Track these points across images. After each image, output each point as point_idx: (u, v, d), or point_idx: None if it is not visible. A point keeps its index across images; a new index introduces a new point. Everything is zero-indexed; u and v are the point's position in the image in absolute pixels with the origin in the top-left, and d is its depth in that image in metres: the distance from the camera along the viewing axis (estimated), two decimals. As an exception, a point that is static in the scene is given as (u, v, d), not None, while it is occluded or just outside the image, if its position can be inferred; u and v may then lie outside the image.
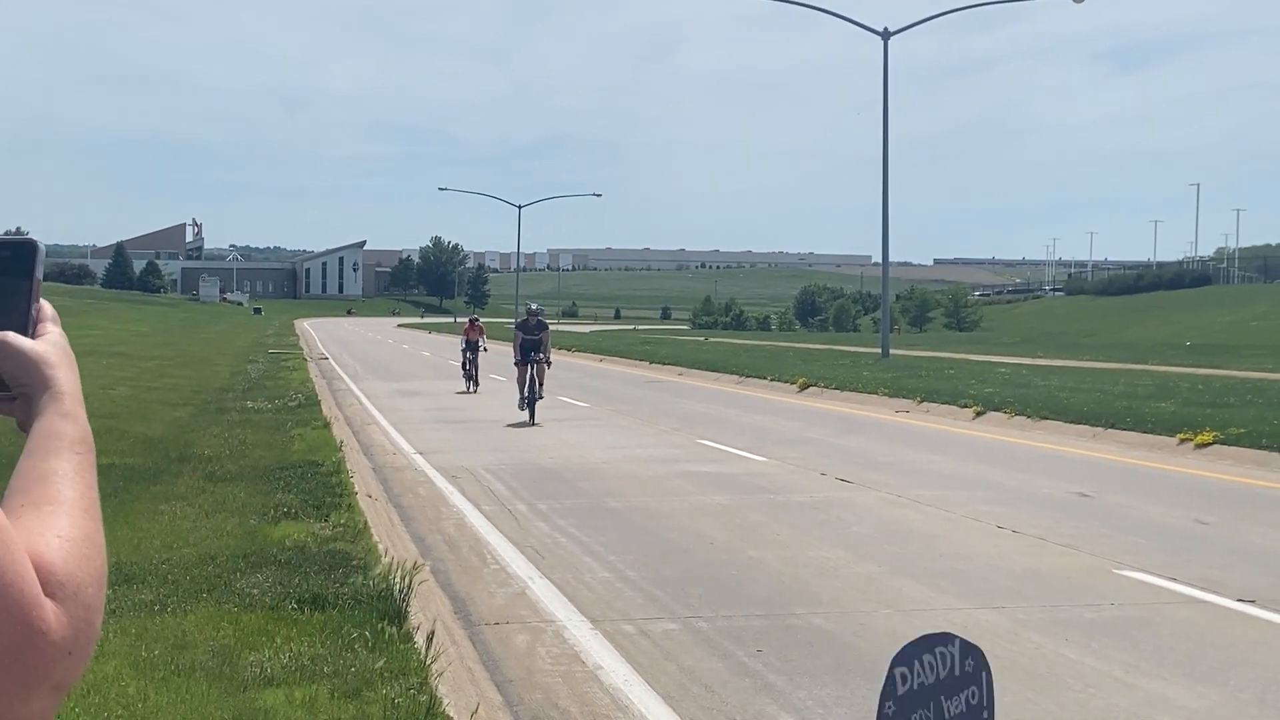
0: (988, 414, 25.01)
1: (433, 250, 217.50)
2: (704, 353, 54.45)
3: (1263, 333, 72.14)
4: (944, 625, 8.94)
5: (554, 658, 8.19)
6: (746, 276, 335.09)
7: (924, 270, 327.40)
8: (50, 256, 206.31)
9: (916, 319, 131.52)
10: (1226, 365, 42.98)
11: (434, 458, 18.57)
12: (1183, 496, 15.08)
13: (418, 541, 12.08)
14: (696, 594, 9.87)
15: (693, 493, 15.18)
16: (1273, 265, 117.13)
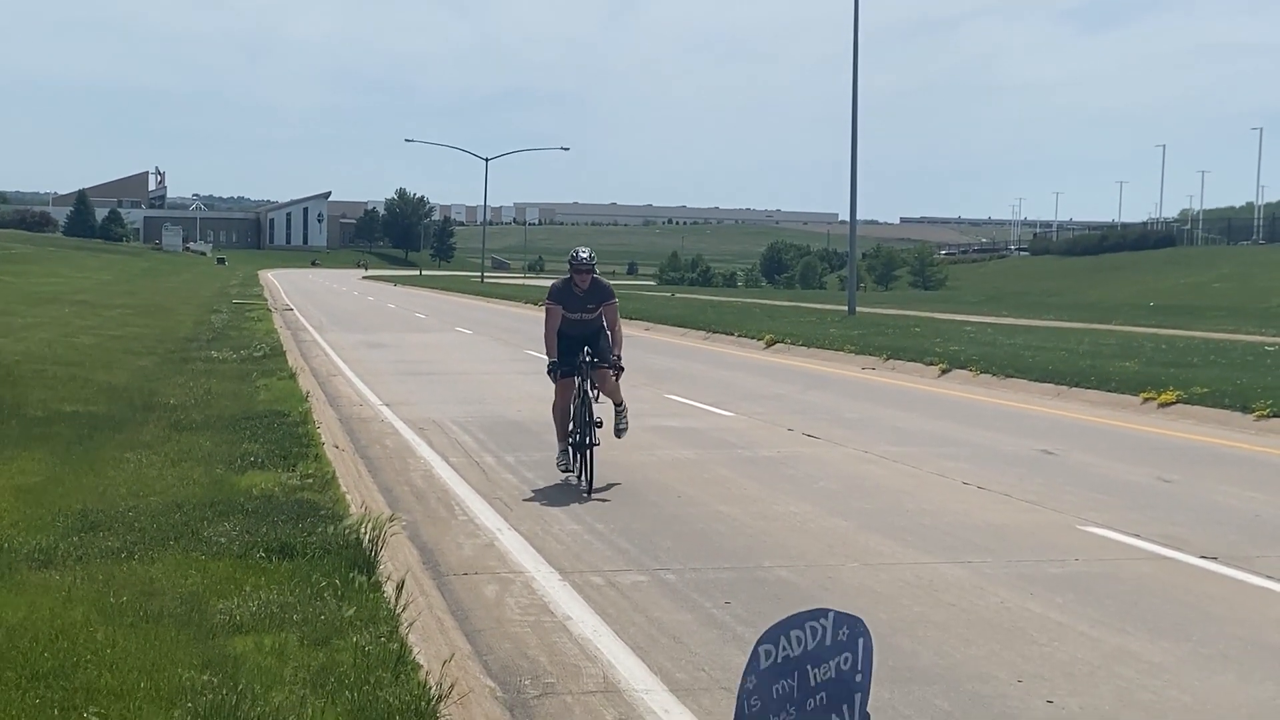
0: (953, 371, 25.10)
1: (398, 202, 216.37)
2: (671, 308, 54.46)
3: (1225, 294, 72.63)
4: (910, 579, 9.01)
5: (523, 608, 8.20)
6: (713, 233, 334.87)
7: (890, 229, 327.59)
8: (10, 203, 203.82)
9: (882, 277, 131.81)
10: (1189, 326, 43.27)
11: (401, 409, 18.52)
12: (1146, 454, 15.19)
13: (385, 492, 12.06)
14: (665, 547, 9.89)
15: (660, 447, 15.19)
16: (1236, 227, 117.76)
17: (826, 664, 3.61)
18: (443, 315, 51.39)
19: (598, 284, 12.55)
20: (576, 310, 12.50)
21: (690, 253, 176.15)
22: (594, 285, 12.50)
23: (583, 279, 12.44)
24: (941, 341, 31.62)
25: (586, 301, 12.50)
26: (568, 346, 12.51)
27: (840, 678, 3.58)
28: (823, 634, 3.64)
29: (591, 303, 12.50)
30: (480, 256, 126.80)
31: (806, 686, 3.58)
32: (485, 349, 32.48)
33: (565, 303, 12.49)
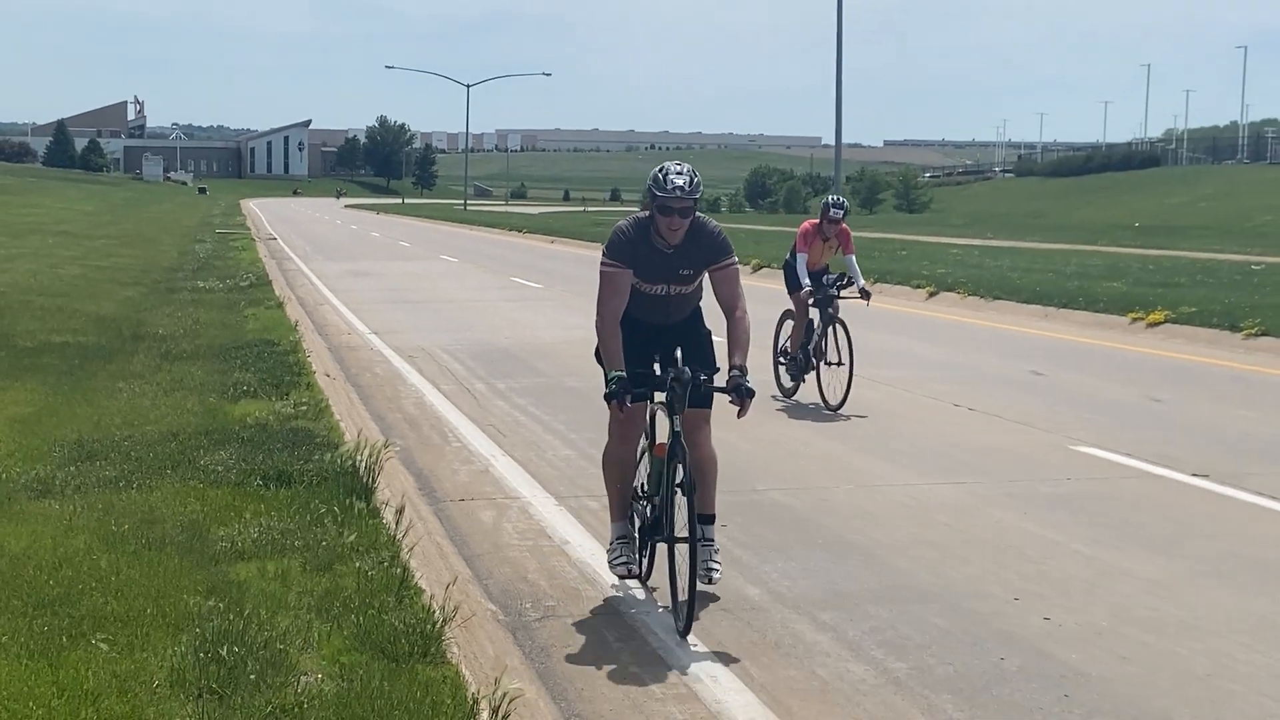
0: (940, 294, 25.12)
1: (379, 130, 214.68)
2: (656, 234, 54.20)
3: (1211, 214, 72.66)
4: (904, 500, 9.07)
5: (520, 533, 8.24)
6: (696, 158, 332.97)
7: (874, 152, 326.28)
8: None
9: (867, 200, 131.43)
10: (1176, 246, 43.32)
11: (389, 338, 18.50)
12: (1135, 374, 15.25)
13: (378, 420, 12.06)
14: (659, 470, 9.91)
15: (651, 371, 15.19)
16: (1221, 147, 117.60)
17: None
18: (427, 243, 51.21)
19: (702, 232, 6.74)
20: (658, 278, 6.81)
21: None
22: (695, 234, 6.71)
23: (673, 223, 6.60)
24: (928, 264, 31.62)
25: (679, 263, 6.77)
26: (636, 346, 6.79)
27: None
28: None
29: (688, 265, 6.78)
30: (463, 184, 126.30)
31: None
32: (471, 277, 32.40)
33: (639, 265, 6.73)
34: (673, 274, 6.81)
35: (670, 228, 6.60)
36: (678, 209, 6.56)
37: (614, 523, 7.07)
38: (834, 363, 12.97)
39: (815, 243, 13.41)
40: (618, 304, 6.71)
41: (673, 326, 7.01)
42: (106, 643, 5.26)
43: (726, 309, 6.78)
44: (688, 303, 7.02)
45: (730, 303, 6.79)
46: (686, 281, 6.87)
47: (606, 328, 6.68)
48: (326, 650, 5.38)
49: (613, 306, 6.69)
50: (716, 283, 6.78)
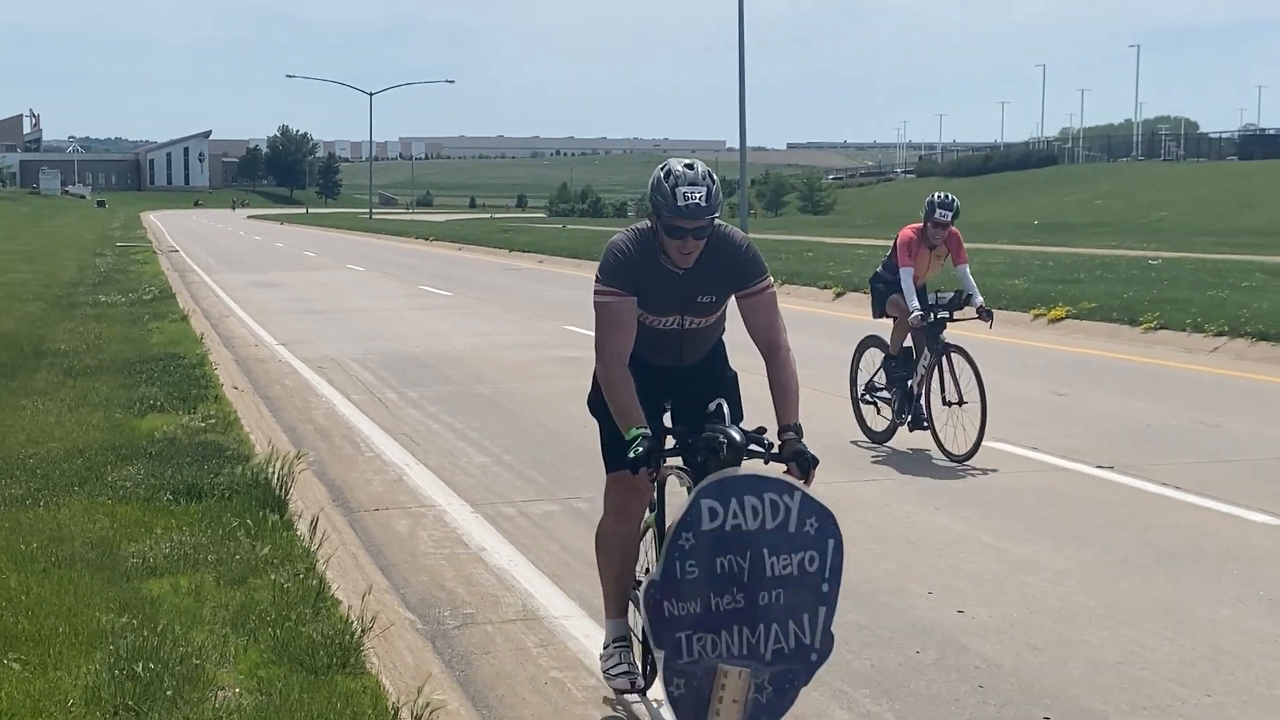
0: (847, 294, 25.37)
1: (281, 139, 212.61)
2: (564, 239, 54.27)
3: (1107, 211, 73.90)
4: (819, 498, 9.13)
5: (436, 541, 8.22)
6: (602, 163, 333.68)
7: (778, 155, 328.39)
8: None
9: (772, 203, 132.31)
10: (1074, 243, 44.03)
11: (297, 348, 18.34)
12: (1039, 370, 15.49)
13: (289, 431, 11.96)
14: (575, 475, 9.93)
15: (563, 378, 15.20)
16: (1116, 145, 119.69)
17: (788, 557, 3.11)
18: (333, 253, 50.80)
19: (725, 247, 5.16)
20: (668, 308, 5.26)
21: (580, 183, 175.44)
22: (715, 250, 5.14)
23: (685, 246, 5.03)
24: (835, 265, 31.90)
25: (696, 288, 5.21)
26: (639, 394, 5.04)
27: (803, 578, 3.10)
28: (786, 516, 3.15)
29: (707, 290, 5.23)
30: (368, 193, 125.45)
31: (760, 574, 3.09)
32: (379, 285, 32.19)
33: (643, 292, 5.17)
34: (687, 303, 5.20)
35: (682, 250, 5.01)
36: (691, 230, 4.91)
37: (609, 620, 5.45)
38: (954, 401, 10.60)
39: (920, 254, 10.94)
40: (622, 341, 5.05)
41: (688, 369, 5.40)
42: (19, 662, 5.19)
43: (765, 346, 5.16)
44: (706, 338, 5.39)
45: (769, 338, 5.15)
46: (706, 311, 5.25)
47: (612, 373, 5.00)
48: (244, 664, 5.34)
49: (615, 345, 5.04)
50: (748, 312, 5.17)
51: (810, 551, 3.05)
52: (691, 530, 3.14)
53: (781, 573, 3.09)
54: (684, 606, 3.14)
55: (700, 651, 3.15)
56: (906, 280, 10.79)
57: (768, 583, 3.08)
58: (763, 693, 3.13)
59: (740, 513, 3.13)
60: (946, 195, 11.09)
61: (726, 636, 3.10)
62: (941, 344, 10.90)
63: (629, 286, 5.13)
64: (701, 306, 5.26)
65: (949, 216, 10.95)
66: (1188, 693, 5.63)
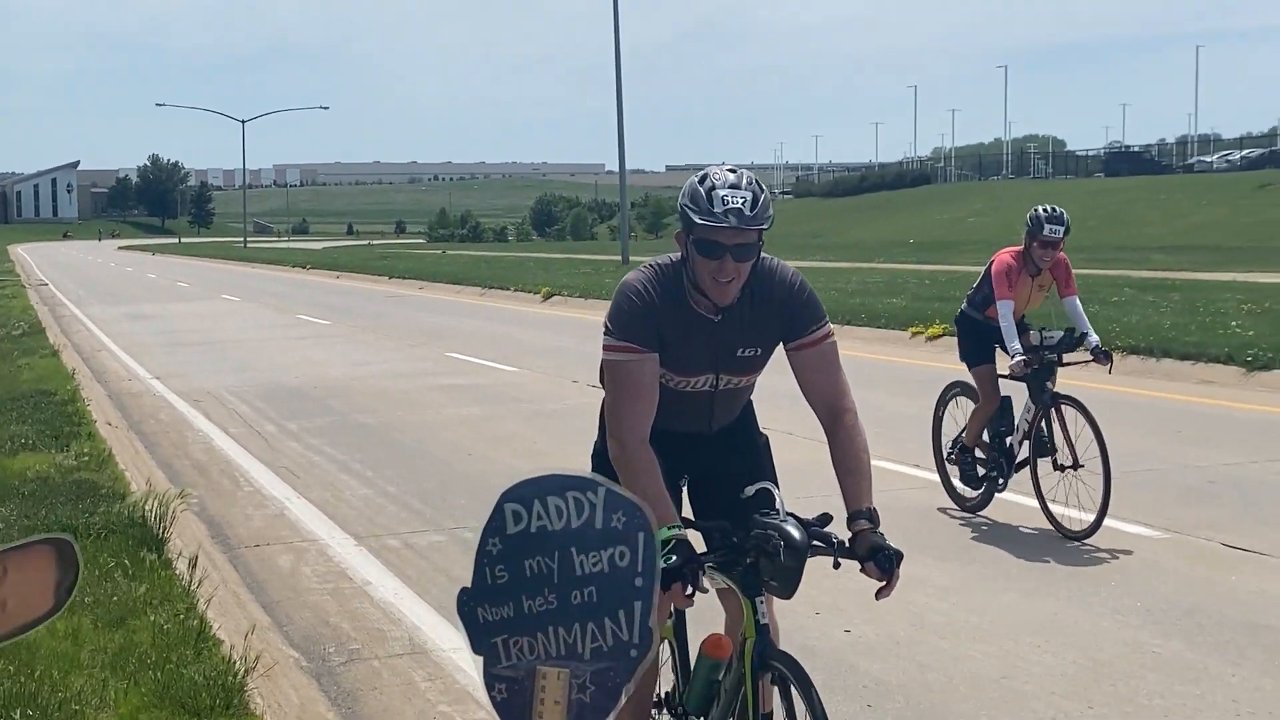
0: (728, 316, 25.50)
1: (151, 169, 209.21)
2: (444, 265, 54.03)
3: (980, 228, 75.14)
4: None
5: (320, 576, 8.11)
6: (481, 188, 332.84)
7: (657, 177, 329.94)
8: None
9: (653, 225, 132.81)
10: (949, 260, 44.73)
11: (172, 382, 18.02)
12: (918, 387, 15.67)
13: (165, 468, 11.75)
14: (460, 505, 9.86)
15: (446, 405, 15.12)
16: (987, 163, 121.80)
17: (597, 553, 3.15)
18: (207, 283, 50.06)
19: (771, 283, 4.11)
20: (700, 365, 4.19)
21: (459, 209, 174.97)
22: (759, 288, 4.08)
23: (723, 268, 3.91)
24: (715, 287, 32.06)
25: (736, 336, 4.14)
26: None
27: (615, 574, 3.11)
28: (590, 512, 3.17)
29: (751, 340, 4.16)
30: (242, 221, 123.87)
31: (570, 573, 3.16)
32: (255, 315, 31.77)
33: (670, 345, 4.10)
34: (724, 357, 4.13)
35: (719, 278, 3.90)
36: (731, 246, 3.86)
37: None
38: (1066, 465, 8.73)
39: (1021, 283, 8.88)
40: (643, 412, 4.00)
41: (712, 435, 4.42)
42: (-114, 717, 5.02)
43: (827, 411, 4.13)
44: (740, 398, 4.42)
45: (833, 401, 4.12)
46: (746, 368, 4.21)
47: (633, 456, 3.94)
48: (124, 708, 5.22)
49: (634, 419, 3.98)
50: (804, 367, 4.11)
51: (620, 547, 3.06)
52: (498, 535, 3.17)
53: (592, 570, 3.12)
54: (496, 611, 3.18)
55: (518, 655, 3.17)
56: (1006, 317, 8.74)
57: (578, 581, 3.11)
58: (585, 692, 3.15)
59: (545, 514, 3.14)
60: (1054, 208, 8.75)
61: (542, 638, 3.13)
62: (1050, 394, 8.91)
63: (649, 340, 4.01)
64: (741, 362, 4.17)
65: (1059, 233, 8.65)
66: (1070, 705, 5.73)
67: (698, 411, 4.31)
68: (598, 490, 3.10)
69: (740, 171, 3.95)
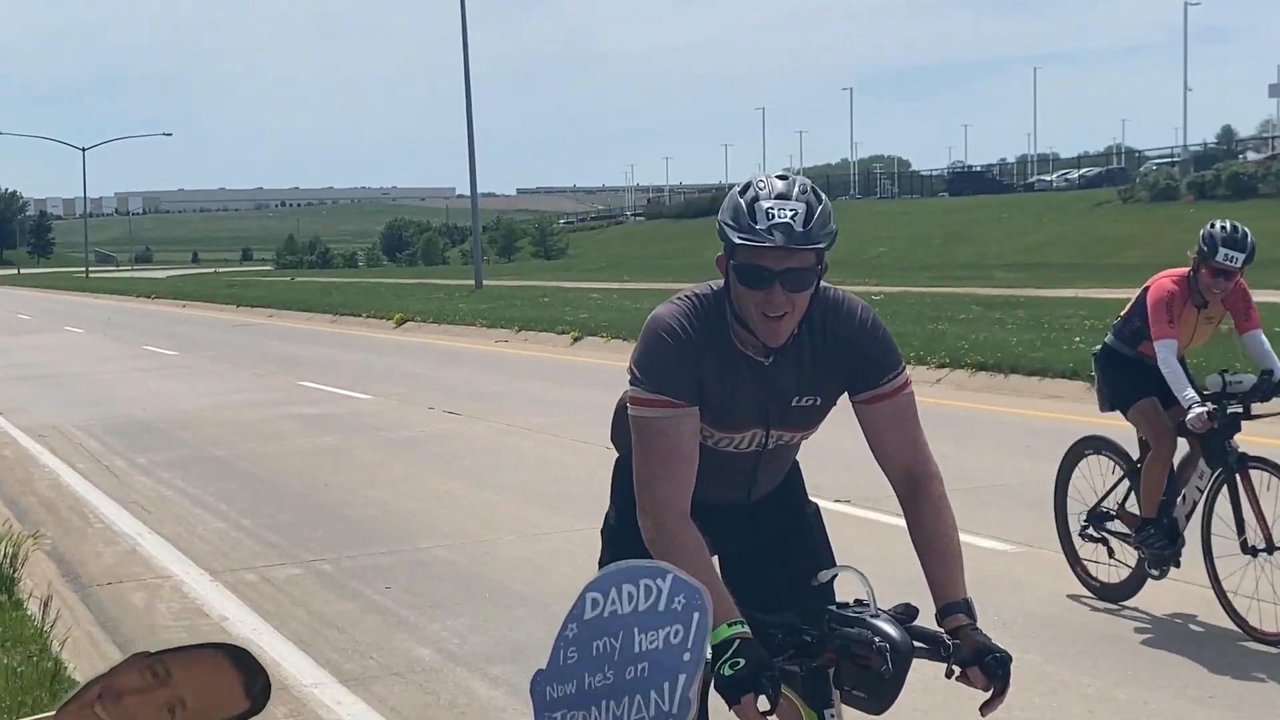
0: (585, 339, 25.55)
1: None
2: (293, 293, 53.31)
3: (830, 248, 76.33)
4: (566, 547, 9.15)
5: (175, 613, 7.95)
6: (329, 214, 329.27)
7: (508, 200, 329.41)
8: None
9: (505, 249, 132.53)
10: (800, 281, 45.30)
11: (15, 417, 17.53)
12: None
13: (11, 505, 11.43)
14: (316, 537, 9.74)
15: (300, 435, 14.92)
16: (834, 184, 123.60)
17: (655, 632, 3.30)
18: (49, 314, 48.81)
19: (838, 318, 3.38)
20: (747, 419, 3.42)
21: (307, 235, 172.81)
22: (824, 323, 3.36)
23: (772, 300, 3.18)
24: (571, 310, 32.12)
25: (792, 383, 3.38)
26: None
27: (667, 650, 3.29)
28: (656, 596, 3.30)
29: (809, 387, 3.40)
30: (84, 251, 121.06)
31: (630, 651, 3.31)
32: (100, 347, 31.04)
33: (711, 395, 3.33)
34: (777, 407, 3.41)
35: (767, 312, 3.19)
36: (780, 272, 3.15)
37: None
38: (1259, 547, 6.93)
39: (1185, 316, 7.13)
40: (681, 484, 3.29)
41: (753, 504, 3.69)
42: None
43: (905, 475, 3.48)
44: (787, 459, 3.72)
45: (911, 463, 3.47)
46: (802, 421, 3.48)
47: (674, 534, 3.27)
48: (-25, 759, 5.06)
49: (672, 493, 3.28)
50: (876, 421, 3.44)
51: (676, 625, 3.20)
52: (576, 621, 3.33)
53: (649, 648, 3.26)
54: (561, 689, 3.34)
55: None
56: (1169, 360, 6.97)
57: (635, 658, 3.25)
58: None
59: (618, 599, 3.28)
60: (1234, 226, 6.98)
61: (595, 711, 3.29)
62: (1235, 454, 7.01)
63: (688, 390, 3.28)
64: (797, 414, 3.43)
65: (1238, 262, 6.91)
66: (927, 719, 5.82)
67: (737, 477, 3.56)
68: (665, 576, 3.17)
69: (793, 178, 3.25)
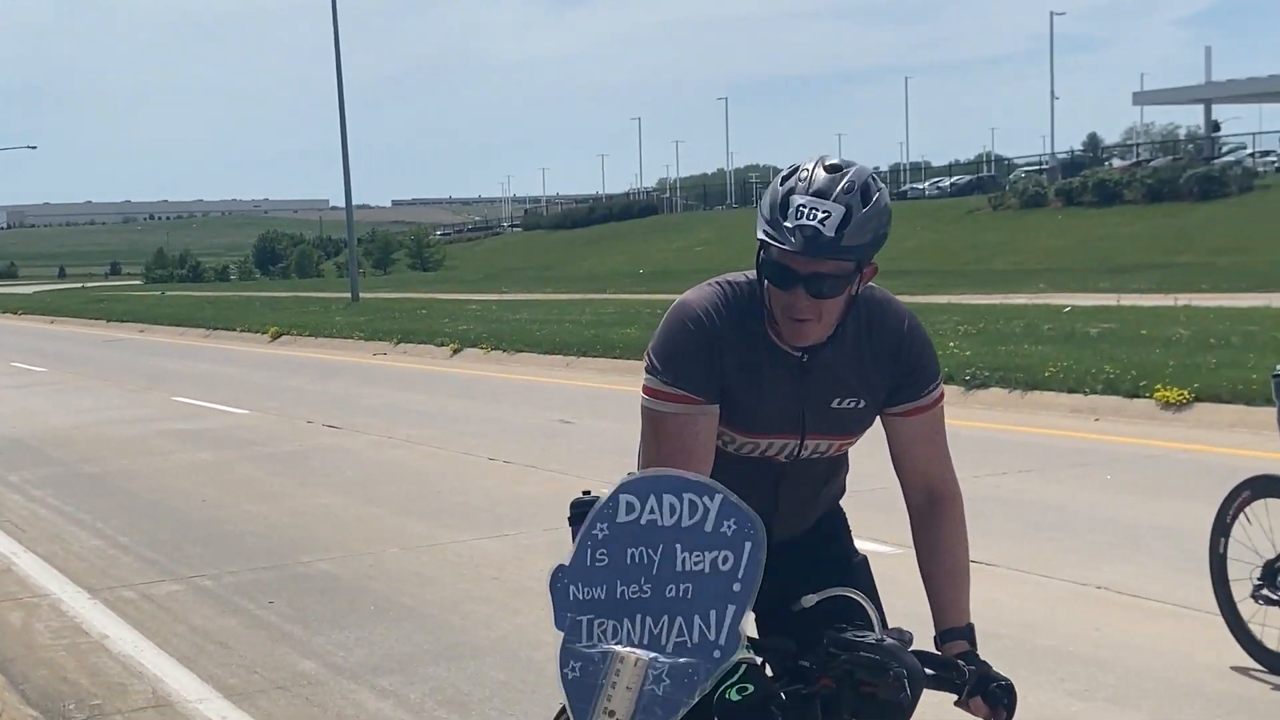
0: (465, 350, 25.47)
1: None
2: (165, 307, 52.42)
3: (707, 257, 76.71)
4: (452, 558, 9.13)
5: (54, 632, 7.80)
6: (200, 227, 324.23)
7: (383, 212, 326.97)
8: None
9: (381, 261, 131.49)
10: (678, 290, 45.33)
11: (-121, 437, 17.04)
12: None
13: (-124, 528, 11.10)
14: (196, 553, 9.61)
15: (176, 451, 14.69)
16: (711, 193, 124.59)
17: (700, 554, 3.11)
18: (-89, 331, 47.48)
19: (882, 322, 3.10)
20: (779, 419, 3.11)
21: (178, 248, 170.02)
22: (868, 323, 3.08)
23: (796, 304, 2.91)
24: (450, 322, 31.98)
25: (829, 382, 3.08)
26: None
27: (715, 576, 3.10)
28: (703, 515, 3.12)
29: (849, 388, 3.09)
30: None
31: (670, 568, 3.13)
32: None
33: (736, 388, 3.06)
34: (815, 409, 3.11)
35: (791, 314, 2.94)
36: (805, 276, 2.87)
37: None
38: None
39: None
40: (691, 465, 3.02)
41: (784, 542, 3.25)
42: None
43: (924, 488, 3.27)
44: (825, 481, 3.37)
45: (933, 477, 3.25)
46: (843, 427, 3.17)
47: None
48: None
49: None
50: (903, 434, 3.19)
51: (725, 551, 3.02)
52: (607, 522, 3.14)
53: (693, 568, 3.07)
54: (590, 591, 3.16)
55: (600, 635, 3.16)
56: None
57: (676, 576, 3.08)
58: (659, 684, 3.12)
59: (658, 509, 3.08)
60: None
61: (629, 624, 3.11)
62: None
63: (708, 385, 3.02)
64: (837, 417, 3.12)
65: None
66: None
67: (763, 486, 3.18)
68: (714, 495, 3.03)
69: (844, 171, 2.86)
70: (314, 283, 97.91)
